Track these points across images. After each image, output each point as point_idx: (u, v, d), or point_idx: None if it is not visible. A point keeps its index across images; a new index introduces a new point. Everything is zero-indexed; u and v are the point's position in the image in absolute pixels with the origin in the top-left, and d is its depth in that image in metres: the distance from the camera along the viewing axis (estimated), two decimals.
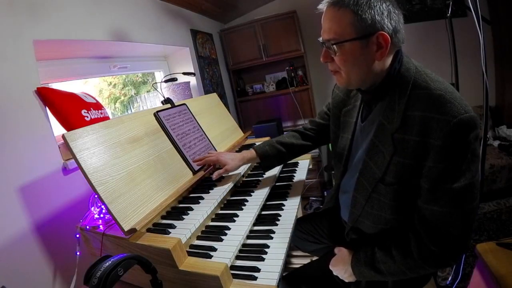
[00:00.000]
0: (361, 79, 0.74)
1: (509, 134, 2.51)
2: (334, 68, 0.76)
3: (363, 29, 0.66)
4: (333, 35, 0.69)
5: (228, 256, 0.85)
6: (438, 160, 0.64)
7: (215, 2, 2.57)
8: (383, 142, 0.74)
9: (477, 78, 1.26)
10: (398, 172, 0.71)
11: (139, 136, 1.10)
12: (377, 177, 0.75)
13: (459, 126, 0.62)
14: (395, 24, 0.68)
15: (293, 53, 2.87)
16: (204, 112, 1.57)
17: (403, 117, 0.69)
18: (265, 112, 3.21)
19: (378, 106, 0.79)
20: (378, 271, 0.77)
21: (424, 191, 0.68)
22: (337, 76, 0.77)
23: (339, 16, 0.68)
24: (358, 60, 0.70)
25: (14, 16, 1.08)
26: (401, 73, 0.73)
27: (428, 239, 0.68)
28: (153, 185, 1.01)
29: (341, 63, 0.72)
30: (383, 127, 0.74)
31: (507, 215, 2.04)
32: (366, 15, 0.65)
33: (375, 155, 0.76)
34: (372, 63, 0.71)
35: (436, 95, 0.66)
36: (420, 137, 0.66)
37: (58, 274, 1.10)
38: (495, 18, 2.53)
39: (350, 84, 0.77)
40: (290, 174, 1.48)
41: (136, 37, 1.76)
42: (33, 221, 1.04)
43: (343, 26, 0.67)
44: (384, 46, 0.67)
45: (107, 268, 0.57)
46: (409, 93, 0.69)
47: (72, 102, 1.24)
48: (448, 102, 0.64)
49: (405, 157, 0.69)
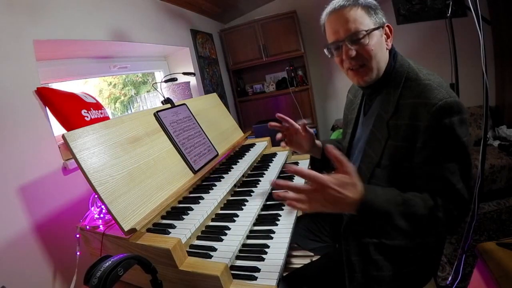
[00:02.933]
0: (382, 67, 0.80)
1: (509, 134, 2.51)
2: (360, 62, 0.78)
3: (378, 21, 0.78)
4: (361, 26, 0.75)
5: (228, 256, 0.85)
6: (426, 140, 0.70)
7: (215, 2, 2.57)
8: (380, 130, 0.80)
9: (477, 78, 1.26)
10: (391, 155, 0.76)
11: (139, 136, 1.10)
12: (374, 162, 0.80)
13: (443, 108, 0.67)
14: None
15: (293, 53, 2.87)
16: (204, 112, 1.57)
17: (396, 105, 0.76)
18: (265, 112, 3.21)
19: (377, 100, 0.85)
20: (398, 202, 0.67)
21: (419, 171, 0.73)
22: (364, 70, 0.79)
23: (358, 13, 0.76)
24: (381, 48, 0.79)
25: (14, 16, 1.08)
26: (396, 68, 0.80)
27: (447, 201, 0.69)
28: (153, 185, 1.01)
29: (371, 52, 0.77)
30: (380, 117, 0.81)
31: (507, 215, 2.05)
32: (375, 11, 0.78)
33: (373, 143, 0.82)
34: (386, 52, 0.80)
35: (424, 84, 0.73)
36: (410, 120, 0.72)
37: (58, 274, 1.10)
38: (495, 18, 2.53)
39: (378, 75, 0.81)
40: (290, 174, 1.48)
41: (136, 37, 1.76)
42: (33, 221, 1.04)
43: (365, 19, 0.76)
44: (390, 35, 0.80)
45: (107, 268, 0.57)
46: (402, 85, 0.77)
47: (72, 102, 1.24)
48: (435, 89, 0.71)
49: (397, 140, 0.75)
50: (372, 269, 0.86)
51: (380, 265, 0.86)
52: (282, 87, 3.06)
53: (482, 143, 1.24)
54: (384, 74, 0.81)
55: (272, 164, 1.51)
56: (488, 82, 1.18)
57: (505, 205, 2.18)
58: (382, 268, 0.86)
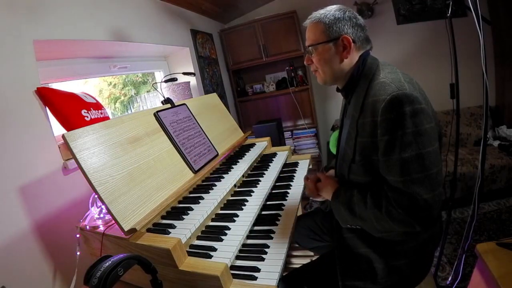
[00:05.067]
0: (334, 75, 0.92)
1: (509, 134, 2.51)
2: (313, 68, 0.96)
3: (332, 34, 0.87)
4: (311, 41, 0.92)
5: (228, 256, 0.85)
6: (382, 133, 0.75)
7: (215, 2, 2.56)
8: (353, 129, 0.87)
9: (477, 78, 1.26)
10: (361, 151, 0.84)
11: (139, 136, 1.10)
12: (349, 159, 0.88)
13: (391, 101, 0.73)
14: (356, 31, 0.87)
15: (293, 53, 2.87)
16: (204, 112, 1.57)
17: (362, 105, 0.83)
18: (265, 112, 3.21)
19: (351, 102, 0.92)
20: (352, 211, 0.86)
21: (381, 163, 0.79)
22: (317, 75, 0.96)
23: (315, 28, 0.90)
24: (330, 59, 0.89)
25: (14, 16, 1.08)
26: (364, 71, 0.88)
27: (395, 202, 0.75)
28: (153, 185, 1.01)
29: (317, 61, 0.92)
30: (353, 117, 0.87)
31: (507, 215, 2.05)
32: (333, 25, 0.86)
33: (349, 141, 0.90)
34: (341, 61, 0.89)
35: (380, 82, 0.80)
36: (371, 117, 0.79)
37: (58, 274, 1.10)
38: (495, 18, 2.53)
39: (326, 81, 0.94)
40: (290, 174, 1.48)
41: (136, 37, 1.76)
42: (33, 221, 1.04)
43: (318, 33, 0.89)
44: (348, 46, 0.86)
45: (107, 268, 0.57)
46: (367, 86, 0.84)
47: (72, 102, 1.24)
48: (387, 85, 0.77)
49: (364, 136, 0.82)
50: (363, 261, 0.88)
51: (370, 257, 0.89)
52: (282, 87, 3.05)
53: (482, 143, 1.24)
54: (350, 78, 0.90)
55: (272, 164, 1.51)
56: (488, 82, 1.18)
57: (505, 205, 2.18)
58: (372, 261, 0.89)
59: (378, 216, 0.78)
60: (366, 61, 0.89)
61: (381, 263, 0.88)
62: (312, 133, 3.06)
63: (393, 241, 0.88)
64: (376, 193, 0.81)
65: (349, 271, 0.91)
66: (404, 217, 0.74)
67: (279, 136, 2.59)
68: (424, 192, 0.72)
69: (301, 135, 3.11)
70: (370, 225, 0.84)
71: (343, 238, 0.95)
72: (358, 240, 0.92)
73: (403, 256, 0.88)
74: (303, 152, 3.10)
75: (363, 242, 0.91)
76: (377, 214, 0.78)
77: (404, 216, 0.74)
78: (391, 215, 0.75)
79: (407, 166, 0.73)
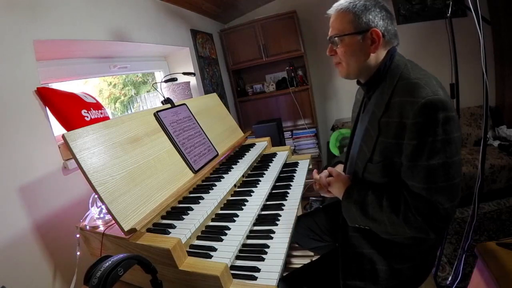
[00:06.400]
0: (358, 69, 0.87)
1: (509, 134, 2.51)
2: (337, 60, 0.90)
3: (360, 26, 0.81)
4: (336, 31, 0.85)
5: (228, 256, 0.85)
6: (411, 137, 0.72)
7: (215, 2, 2.56)
8: (373, 127, 0.84)
9: (477, 78, 1.26)
10: (382, 151, 0.80)
11: (139, 136, 1.10)
12: (366, 158, 0.85)
13: (426, 105, 0.70)
14: (387, 24, 0.83)
15: (293, 53, 2.87)
16: (204, 112, 1.57)
17: (387, 103, 0.80)
18: (265, 112, 3.21)
19: (373, 98, 0.89)
20: (364, 212, 0.83)
21: (404, 167, 0.76)
22: (339, 67, 0.91)
23: (342, 17, 0.84)
24: (356, 52, 0.84)
25: (14, 16, 1.08)
26: (391, 68, 0.84)
27: (414, 209, 0.73)
28: (153, 185, 1.01)
29: (341, 54, 0.86)
30: (374, 114, 0.84)
31: (507, 215, 2.05)
32: (362, 16, 0.81)
33: (367, 139, 0.86)
34: (367, 56, 0.84)
35: (413, 83, 0.76)
36: (399, 118, 0.75)
37: (58, 274, 1.10)
38: (495, 18, 2.53)
39: (349, 74, 0.90)
40: (290, 174, 1.48)
41: (136, 37, 1.76)
42: (33, 221, 1.04)
43: (344, 24, 0.83)
44: (377, 41, 0.81)
45: (107, 268, 0.57)
46: (395, 84, 0.80)
47: (72, 102, 1.24)
48: (421, 87, 0.73)
49: (387, 137, 0.79)
50: (366, 262, 0.88)
51: (374, 259, 0.88)
52: (282, 87, 3.05)
53: (482, 143, 1.24)
54: (375, 73, 0.86)
55: (272, 164, 1.51)
56: (488, 82, 1.18)
57: (505, 205, 2.18)
58: (375, 262, 0.88)
59: (394, 220, 0.77)
60: (393, 57, 0.85)
61: (384, 265, 0.87)
62: (312, 133, 3.06)
63: (399, 244, 0.87)
64: (394, 197, 0.78)
65: (351, 270, 0.90)
66: (422, 225, 0.73)
67: (279, 136, 2.59)
68: (446, 201, 0.71)
69: (301, 135, 3.11)
70: (382, 227, 0.82)
71: (348, 237, 0.94)
72: (363, 240, 0.91)
73: (407, 260, 0.88)
74: (303, 152, 3.10)
75: (368, 243, 0.90)
76: (393, 218, 0.77)
77: (421, 223, 0.72)
78: (408, 221, 0.74)
79: (433, 173, 0.71)
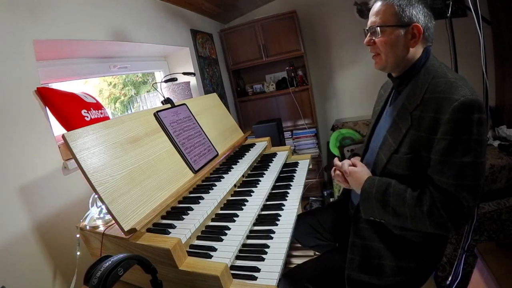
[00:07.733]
0: (396, 62, 0.88)
1: (509, 134, 2.51)
2: (375, 50, 0.90)
3: (403, 19, 0.82)
4: (380, 22, 0.85)
5: (228, 256, 0.85)
6: (445, 132, 0.73)
7: (215, 2, 2.56)
8: (402, 120, 0.85)
9: (477, 78, 1.26)
10: (411, 143, 0.81)
11: (139, 136, 1.10)
12: (392, 149, 0.85)
13: (465, 104, 0.71)
14: (427, 21, 0.84)
15: (293, 53, 2.87)
16: (204, 112, 1.57)
17: (422, 99, 0.81)
18: (265, 112, 3.21)
19: (404, 92, 0.90)
20: (384, 204, 0.82)
21: (434, 162, 0.76)
22: (377, 58, 0.91)
23: (386, 8, 0.84)
24: (396, 44, 0.84)
25: (14, 16, 1.08)
26: (426, 65, 0.85)
27: (440, 204, 0.74)
28: (153, 185, 1.01)
29: (381, 44, 0.86)
30: (404, 108, 0.86)
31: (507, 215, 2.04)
32: (406, 9, 0.81)
33: (394, 131, 0.87)
34: (406, 50, 0.85)
35: (451, 81, 0.77)
36: (434, 113, 0.76)
37: (58, 274, 1.10)
38: (495, 18, 2.53)
39: (386, 66, 0.90)
40: (290, 174, 1.48)
41: (136, 37, 1.76)
42: (33, 221, 1.04)
43: (387, 15, 0.84)
44: (417, 36, 0.83)
45: (107, 268, 0.57)
46: (429, 81, 0.81)
47: (72, 102, 1.24)
48: (459, 87, 0.75)
49: (419, 130, 0.79)
50: (373, 256, 0.88)
51: (382, 254, 0.88)
52: (282, 87, 3.05)
53: None
54: (411, 68, 0.87)
55: (272, 164, 1.51)
56: (488, 82, 1.18)
57: (505, 205, 2.17)
58: (383, 257, 0.87)
59: (417, 215, 0.77)
60: (429, 55, 0.86)
61: (392, 261, 0.87)
62: (312, 133, 3.06)
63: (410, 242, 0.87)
64: (418, 191, 0.79)
65: (357, 263, 0.90)
66: (445, 220, 0.73)
67: (279, 136, 2.58)
68: (471, 199, 0.72)
69: (301, 135, 3.11)
70: (401, 221, 0.81)
71: (359, 228, 0.93)
72: (374, 233, 0.91)
73: (415, 259, 0.88)
74: (303, 152, 3.10)
75: (378, 237, 0.90)
76: (416, 212, 0.77)
77: (445, 219, 0.73)
78: (432, 216, 0.74)
79: (464, 171, 0.72)
